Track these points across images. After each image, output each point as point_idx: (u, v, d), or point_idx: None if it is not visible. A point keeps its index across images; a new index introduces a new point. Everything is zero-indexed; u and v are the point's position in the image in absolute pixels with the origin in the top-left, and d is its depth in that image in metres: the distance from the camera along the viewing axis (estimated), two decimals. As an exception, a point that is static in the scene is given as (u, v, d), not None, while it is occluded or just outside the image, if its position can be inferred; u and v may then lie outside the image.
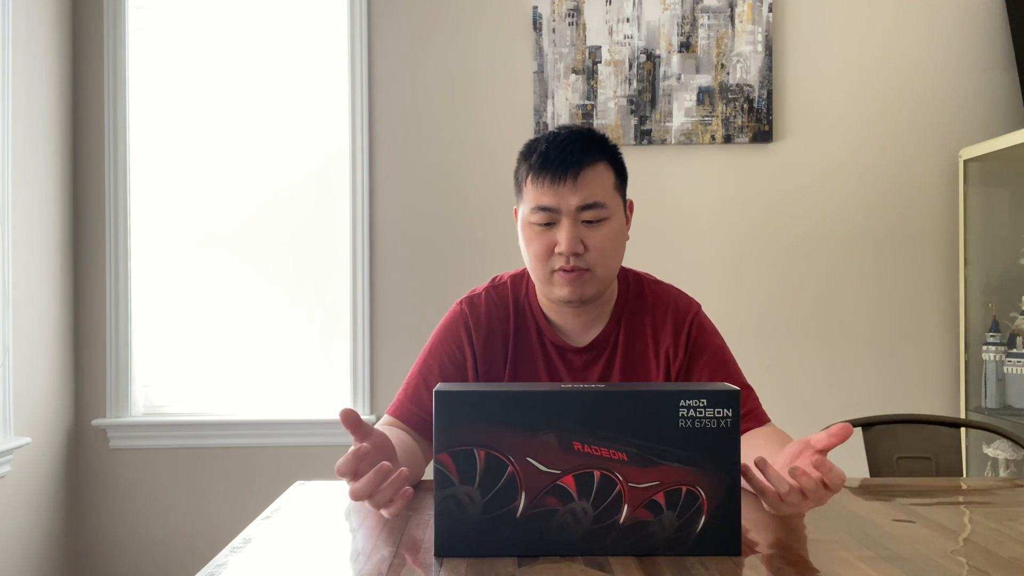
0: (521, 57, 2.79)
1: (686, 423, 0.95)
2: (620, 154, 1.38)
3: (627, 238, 1.39)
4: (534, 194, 1.32)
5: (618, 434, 0.95)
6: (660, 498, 0.95)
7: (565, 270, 1.31)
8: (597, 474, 0.95)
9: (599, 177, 1.32)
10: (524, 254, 1.37)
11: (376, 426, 1.38)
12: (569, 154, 1.30)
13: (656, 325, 1.41)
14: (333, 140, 2.81)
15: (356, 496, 1.01)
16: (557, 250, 1.30)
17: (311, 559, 0.98)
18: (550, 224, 1.31)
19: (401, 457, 1.24)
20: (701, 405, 0.96)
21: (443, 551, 0.96)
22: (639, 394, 0.97)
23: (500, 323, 1.41)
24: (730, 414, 0.95)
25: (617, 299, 1.42)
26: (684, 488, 0.95)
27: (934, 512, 1.17)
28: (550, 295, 1.36)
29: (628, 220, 1.40)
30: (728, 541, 0.96)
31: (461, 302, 1.44)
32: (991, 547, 1.00)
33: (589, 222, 1.31)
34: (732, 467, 0.96)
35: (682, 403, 0.95)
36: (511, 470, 0.95)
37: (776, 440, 1.26)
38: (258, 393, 2.82)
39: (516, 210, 1.41)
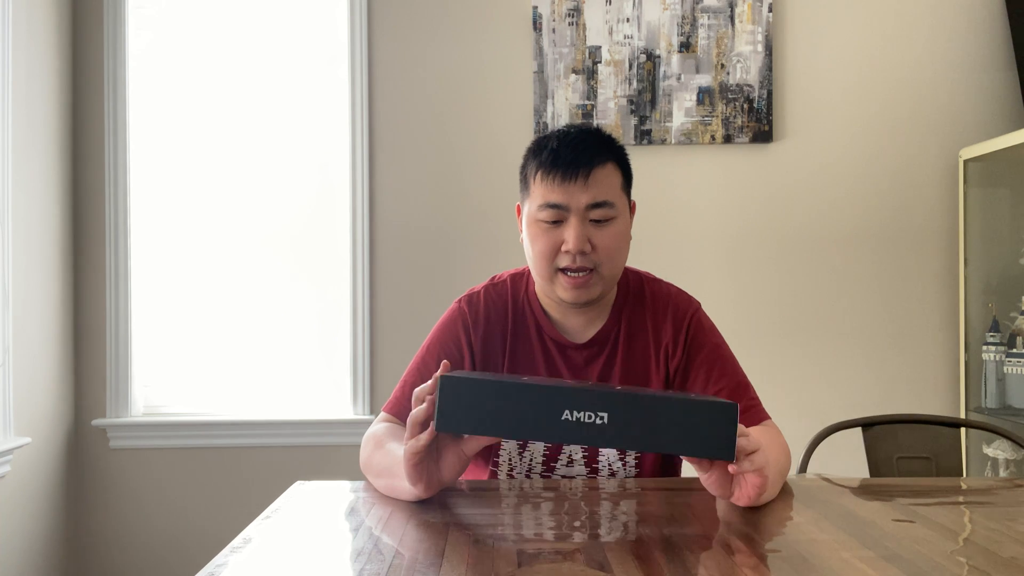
0: (521, 57, 2.79)
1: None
2: (627, 155, 1.38)
3: (630, 238, 1.39)
4: (543, 191, 1.31)
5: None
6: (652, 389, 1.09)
7: (571, 271, 1.31)
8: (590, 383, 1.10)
9: (608, 177, 1.32)
10: (528, 251, 1.36)
11: (372, 424, 1.38)
12: (581, 152, 1.30)
13: (656, 322, 1.41)
14: (333, 140, 2.81)
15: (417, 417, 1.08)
16: (564, 248, 1.30)
17: (311, 559, 0.98)
18: (558, 222, 1.31)
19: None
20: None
21: (447, 380, 1.00)
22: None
23: (499, 321, 1.41)
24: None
25: (617, 296, 1.43)
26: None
27: (934, 512, 1.17)
28: (551, 294, 1.36)
29: (631, 220, 1.41)
30: (722, 402, 1.00)
31: (460, 301, 1.44)
32: (991, 547, 1.00)
33: (597, 221, 1.31)
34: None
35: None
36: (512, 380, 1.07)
37: (765, 440, 1.26)
38: (258, 393, 2.82)
39: (519, 206, 1.41)
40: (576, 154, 1.30)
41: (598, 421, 0.95)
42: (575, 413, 0.95)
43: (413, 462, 1.09)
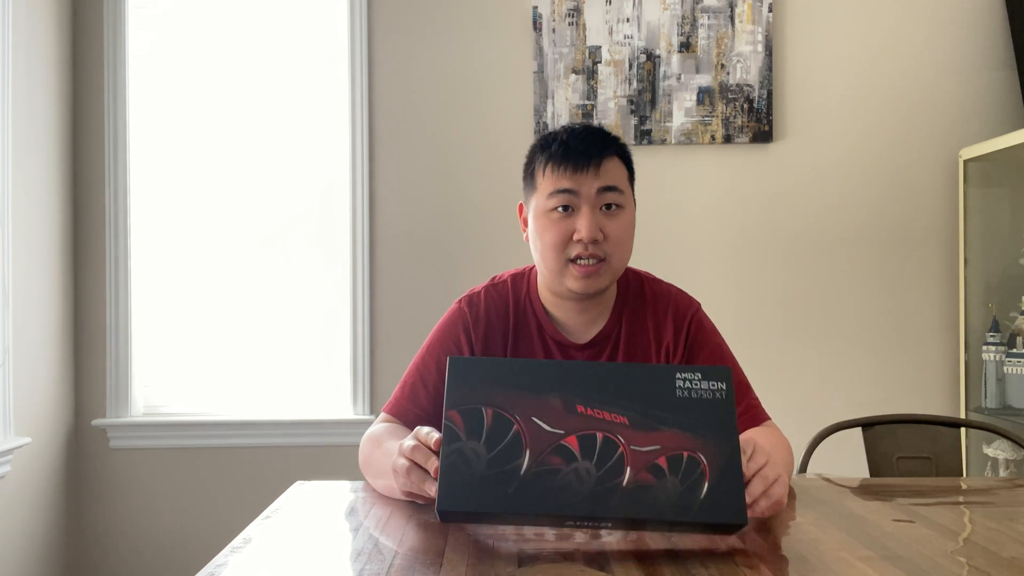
0: (521, 57, 2.79)
1: (683, 393, 1.00)
2: (631, 154, 1.40)
3: (634, 234, 1.40)
4: (553, 180, 1.33)
5: (619, 400, 1.00)
6: (662, 462, 0.97)
7: (582, 258, 1.31)
8: (600, 436, 0.98)
9: (617, 168, 1.35)
10: (536, 245, 1.36)
11: (372, 424, 1.38)
12: (590, 144, 1.33)
13: (657, 322, 1.41)
14: (333, 140, 2.81)
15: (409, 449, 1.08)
16: (576, 237, 1.31)
17: (311, 559, 0.98)
18: (568, 211, 1.32)
19: None
20: (696, 378, 1.01)
21: (446, 503, 0.96)
22: (638, 367, 1.06)
23: (499, 321, 1.41)
24: (724, 387, 1.00)
25: (618, 296, 1.43)
26: (685, 454, 0.97)
27: (934, 512, 1.17)
28: (560, 287, 1.36)
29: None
30: (733, 507, 0.96)
31: (460, 301, 1.44)
32: (991, 547, 1.00)
33: (608, 208, 1.32)
34: (731, 434, 0.98)
35: (678, 375, 1.01)
36: (516, 428, 0.98)
37: (762, 439, 1.25)
38: (258, 393, 2.82)
39: (521, 205, 1.41)
40: (586, 145, 1.32)
41: (602, 526, 0.99)
42: (579, 522, 0.97)
43: (406, 497, 1.15)
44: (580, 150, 1.31)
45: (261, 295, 2.83)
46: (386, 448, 1.24)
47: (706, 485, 0.96)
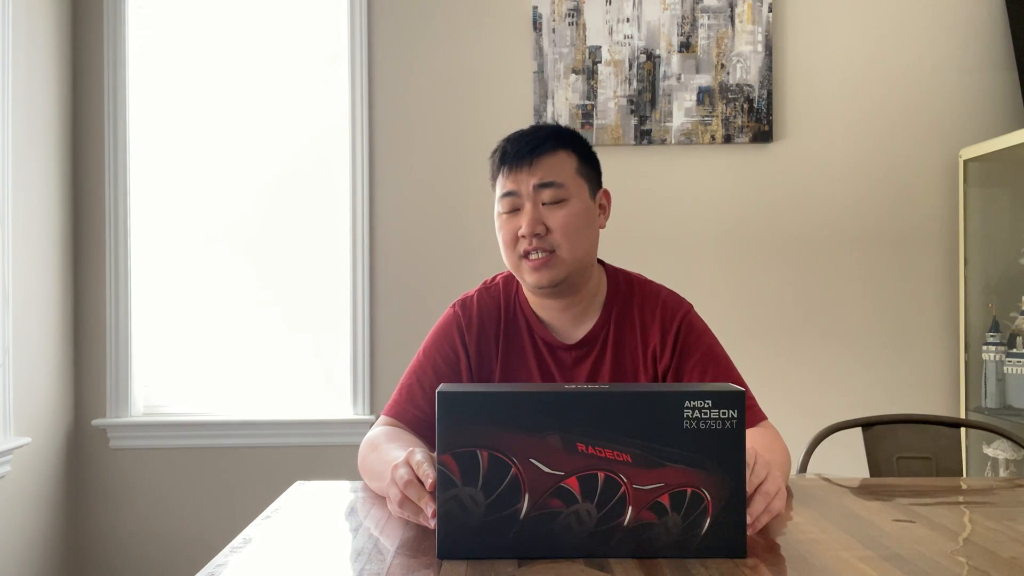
0: (521, 57, 2.79)
1: (691, 424, 0.94)
2: (585, 143, 1.42)
3: (601, 225, 1.43)
4: (500, 185, 1.39)
5: (622, 435, 0.94)
6: (665, 500, 0.95)
7: (530, 255, 1.35)
8: (601, 476, 0.94)
9: (559, 162, 1.37)
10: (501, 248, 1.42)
11: (373, 427, 1.40)
12: (524, 144, 1.37)
13: (644, 323, 1.42)
14: (333, 140, 2.81)
15: (403, 479, 1.04)
16: (520, 233, 1.35)
17: (311, 559, 0.98)
18: (515, 211, 1.37)
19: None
20: (706, 406, 0.94)
21: (445, 553, 0.95)
22: (644, 395, 0.96)
23: (491, 323, 1.45)
24: (735, 415, 0.94)
25: (607, 297, 1.45)
26: (689, 490, 0.95)
27: (934, 512, 1.17)
28: (524, 284, 1.40)
29: (605, 210, 1.44)
30: (733, 544, 0.95)
31: (455, 305, 1.48)
32: (991, 547, 1.00)
33: (549, 204, 1.35)
34: (737, 469, 0.95)
35: (687, 404, 0.95)
36: (514, 472, 0.94)
37: (758, 441, 1.25)
38: (258, 393, 2.82)
39: None
40: (521, 145, 1.37)
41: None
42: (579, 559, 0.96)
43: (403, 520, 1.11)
44: (514, 151, 1.37)
45: (261, 295, 2.82)
46: (381, 453, 1.26)
47: (708, 522, 0.95)
